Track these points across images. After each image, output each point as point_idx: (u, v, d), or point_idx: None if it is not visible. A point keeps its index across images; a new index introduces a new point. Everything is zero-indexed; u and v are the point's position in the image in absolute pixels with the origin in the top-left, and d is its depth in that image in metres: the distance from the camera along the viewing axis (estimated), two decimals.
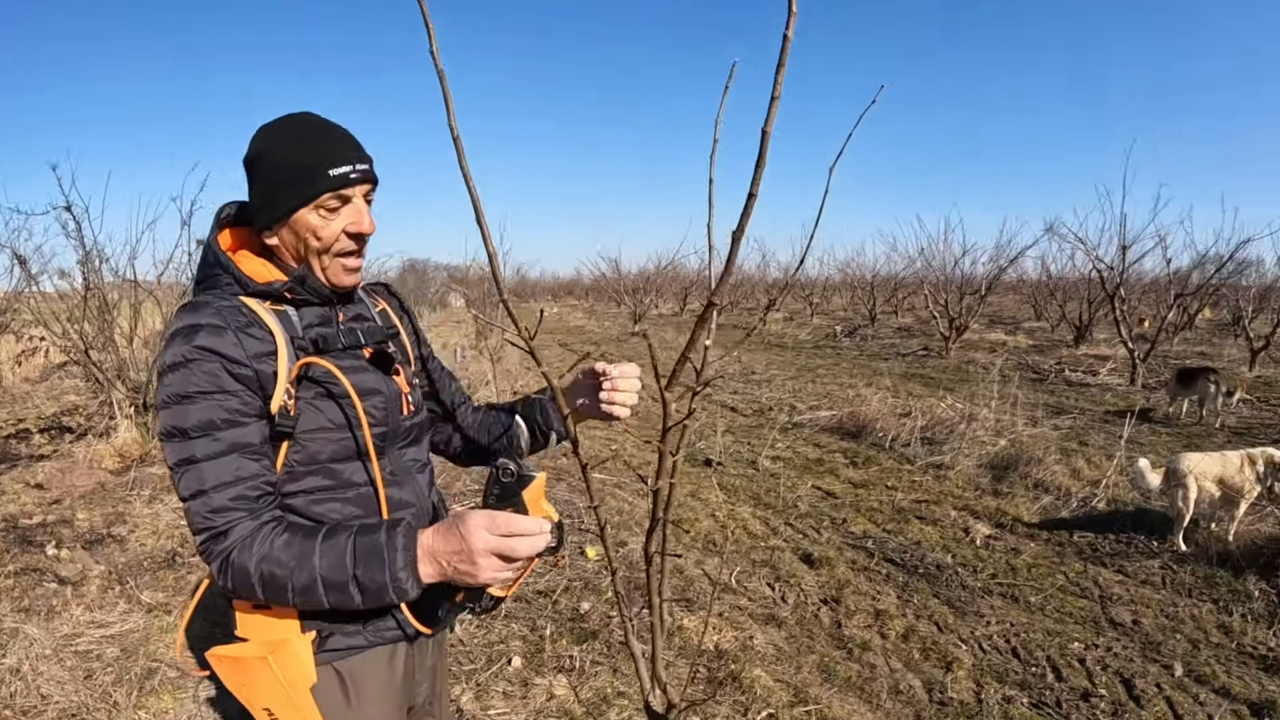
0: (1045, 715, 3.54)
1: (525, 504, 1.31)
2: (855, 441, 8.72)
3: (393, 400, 1.53)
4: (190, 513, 1.31)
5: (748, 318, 30.24)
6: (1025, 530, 5.93)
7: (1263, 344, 13.94)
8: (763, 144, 1.07)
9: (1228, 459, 5.42)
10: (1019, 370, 14.00)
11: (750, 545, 5.58)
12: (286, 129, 1.43)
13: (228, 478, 1.30)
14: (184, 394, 1.29)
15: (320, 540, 1.29)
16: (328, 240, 1.44)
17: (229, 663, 1.40)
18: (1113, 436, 8.75)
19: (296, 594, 1.28)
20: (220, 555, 1.28)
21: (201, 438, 1.29)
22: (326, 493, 1.45)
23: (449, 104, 1.13)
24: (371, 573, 1.26)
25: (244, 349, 1.32)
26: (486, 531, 1.25)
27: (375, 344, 1.58)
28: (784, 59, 1.03)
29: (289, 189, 1.39)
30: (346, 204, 1.44)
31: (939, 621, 4.43)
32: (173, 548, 5.05)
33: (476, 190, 1.20)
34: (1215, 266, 14.93)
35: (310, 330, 1.46)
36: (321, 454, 1.44)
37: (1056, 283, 23.50)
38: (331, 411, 1.44)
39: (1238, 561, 5.01)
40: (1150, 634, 4.28)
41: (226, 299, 1.38)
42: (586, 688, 3.50)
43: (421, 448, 1.69)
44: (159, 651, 3.77)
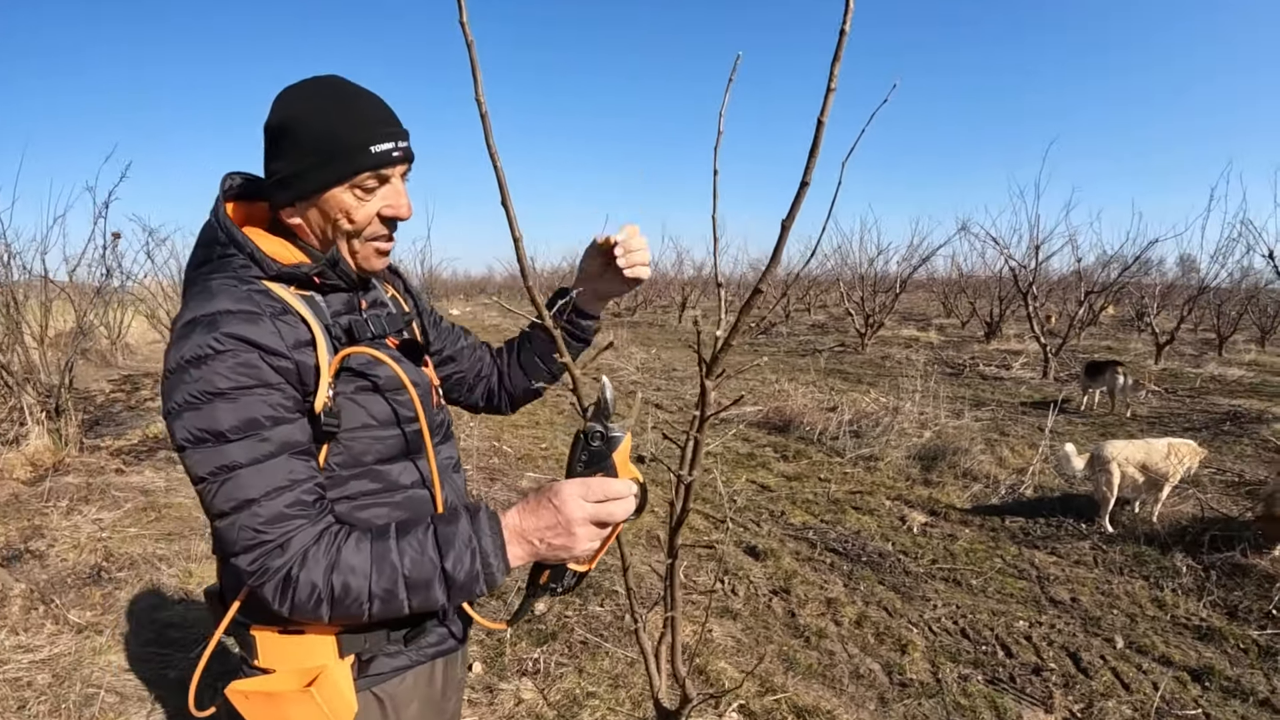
0: (1001, 690, 3.64)
1: (615, 467, 1.25)
2: (783, 436, 8.80)
3: (426, 392, 1.41)
4: (233, 528, 1.14)
5: (661, 315, 30.34)
6: (959, 517, 6.07)
7: (1167, 339, 14.59)
8: (818, 133, 1.08)
9: (1151, 446, 5.65)
10: (935, 365, 14.38)
11: (694, 540, 5.59)
12: (320, 95, 1.27)
13: (281, 482, 1.15)
14: (215, 390, 1.12)
15: (395, 538, 1.17)
16: (361, 223, 1.31)
17: (260, 699, 1.26)
18: (1031, 427, 9.06)
19: (375, 601, 1.15)
20: (279, 572, 1.13)
21: (243, 439, 1.13)
22: (372, 497, 1.33)
23: (477, 74, 1.08)
24: (461, 563, 1.16)
25: (282, 338, 1.18)
26: (583, 500, 1.19)
27: (396, 332, 1.45)
28: (839, 53, 1.05)
29: (324, 165, 1.24)
30: (384, 184, 1.31)
31: (888, 607, 4.50)
32: (97, 562, 4.79)
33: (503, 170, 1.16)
34: (1123, 266, 15.55)
35: (339, 318, 1.33)
36: (366, 455, 1.31)
37: (967, 280, 24.22)
38: (376, 406, 1.32)
39: (1164, 540, 5.24)
40: (1089, 610, 4.44)
41: (250, 282, 1.23)
42: (555, 690, 3.45)
43: (452, 444, 1.56)
44: (95, 676, 3.54)
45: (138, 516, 5.50)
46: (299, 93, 1.28)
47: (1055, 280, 20.26)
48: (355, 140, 1.24)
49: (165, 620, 4.04)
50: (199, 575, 4.54)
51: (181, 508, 5.69)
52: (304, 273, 1.29)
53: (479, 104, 1.10)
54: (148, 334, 14.27)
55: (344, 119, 1.24)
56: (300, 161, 1.25)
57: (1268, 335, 18.13)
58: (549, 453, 7.91)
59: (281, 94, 1.29)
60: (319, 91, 1.27)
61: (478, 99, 1.09)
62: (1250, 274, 17.50)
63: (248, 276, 1.24)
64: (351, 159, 1.24)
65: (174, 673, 3.57)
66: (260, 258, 1.25)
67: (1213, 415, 9.78)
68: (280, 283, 1.27)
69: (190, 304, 1.18)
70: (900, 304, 22.45)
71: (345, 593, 1.14)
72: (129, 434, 7.74)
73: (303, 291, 1.30)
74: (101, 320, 11.43)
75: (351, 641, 1.30)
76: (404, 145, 1.30)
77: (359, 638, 1.30)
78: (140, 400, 9.40)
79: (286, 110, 1.26)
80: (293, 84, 1.30)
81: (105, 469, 6.53)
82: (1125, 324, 22.68)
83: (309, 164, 1.24)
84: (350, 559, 1.14)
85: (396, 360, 1.34)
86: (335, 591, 1.14)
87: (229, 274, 1.23)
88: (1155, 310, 16.12)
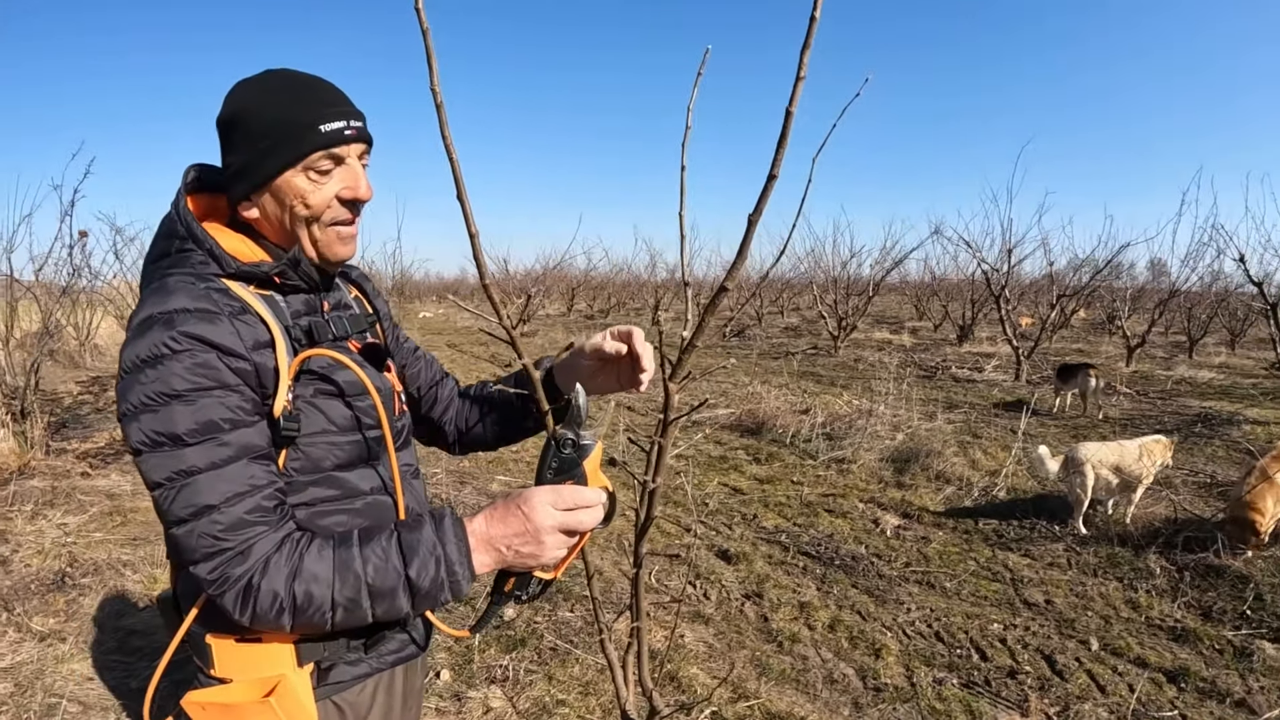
0: (976, 694, 3.63)
1: (585, 475, 1.25)
2: (756, 438, 8.79)
3: (388, 398, 1.38)
4: (191, 535, 1.10)
5: (634, 317, 30.35)
6: (932, 519, 6.07)
7: (1138, 341, 14.74)
8: (786, 123, 1.08)
9: (1125, 448, 5.68)
10: (907, 368, 14.44)
11: (665, 544, 5.55)
12: (268, 84, 1.25)
13: (241, 487, 1.12)
14: (172, 392, 1.08)
15: (359, 545, 1.15)
16: (318, 207, 1.26)
17: (217, 710, 1.22)
18: (1004, 429, 9.11)
19: (339, 610, 1.13)
20: (240, 581, 1.10)
21: (201, 443, 1.10)
22: (331, 504, 1.29)
23: (432, 64, 1.07)
24: (425, 571, 1.14)
25: (240, 338, 1.14)
26: (552, 507, 1.18)
27: (359, 333, 1.42)
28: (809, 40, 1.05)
29: (273, 149, 1.21)
30: (339, 165, 1.27)
31: (861, 610, 4.48)
32: (61, 568, 4.70)
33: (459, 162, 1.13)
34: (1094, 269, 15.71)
35: (300, 319, 1.29)
36: (325, 461, 1.28)
37: (940, 283, 24.37)
38: (336, 411, 1.28)
39: (1137, 542, 5.27)
40: (1064, 612, 4.44)
41: (208, 280, 1.19)
42: (524, 698, 3.41)
43: (412, 451, 1.53)
44: (57, 685, 3.46)
45: (103, 521, 5.42)
46: (248, 84, 1.25)
47: (1028, 284, 20.42)
48: (304, 121, 1.21)
49: (129, 627, 3.97)
50: (164, 581, 4.46)
51: (147, 512, 5.60)
52: (264, 271, 1.25)
53: (434, 94, 1.08)
54: (117, 335, 14.07)
55: (292, 103, 1.22)
56: (251, 150, 1.22)
57: (1238, 338, 18.37)
58: (520, 456, 7.86)
59: (233, 88, 1.26)
60: (267, 81, 1.25)
61: (433, 89, 1.08)
62: (1220, 278, 17.69)
63: (206, 273, 1.20)
64: (302, 140, 1.21)
65: (136, 682, 3.51)
66: (219, 254, 1.22)
67: (1184, 417, 9.87)
68: (239, 281, 1.24)
69: (147, 300, 1.14)
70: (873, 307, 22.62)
71: (308, 601, 1.11)
72: (96, 436, 7.63)
73: (262, 291, 1.26)
74: (69, 321, 11.26)
75: (310, 650, 1.26)
76: (357, 125, 1.27)
77: (318, 646, 1.27)
78: (108, 402, 9.27)
79: (236, 102, 1.24)
80: (243, 79, 1.27)
81: (71, 472, 6.44)
82: (1097, 327, 22.91)
83: (259, 150, 1.21)
84: (312, 567, 1.12)
85: (359, 364, 1.31)
86: (298, 600, 1.11)
87: (187, 270, 1.20)
88: (1126, 313, 16.27)
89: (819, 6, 1.00)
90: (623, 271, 32.89)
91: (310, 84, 1.26)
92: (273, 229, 1.30)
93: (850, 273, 20.41)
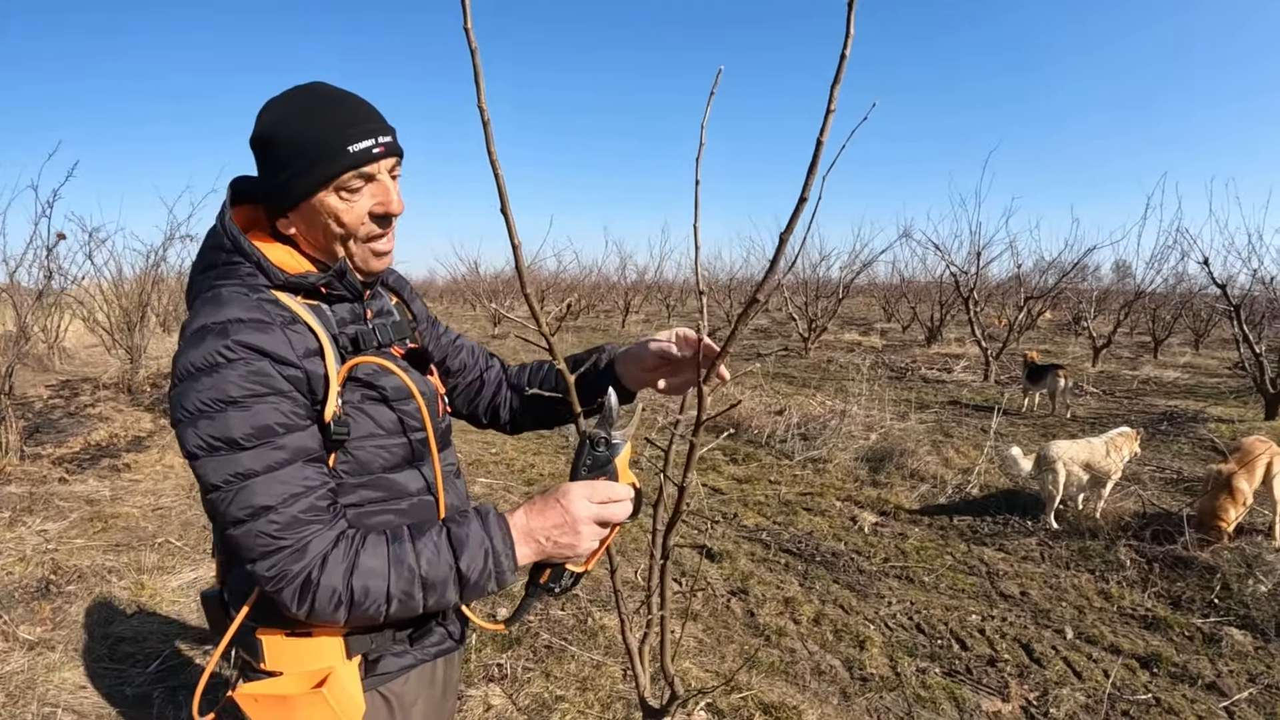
0: (959, 682, 3.73)
1: (617, 472, 1.33)
2: (732, 439, 8.87)
3: (432, 401, 1.43)
4: (249, 535, 1.14)
5: (604, 320, 30.36)
6: (908, 517, 6.18)
7: (1104, 342, 15.03)
8: (816, 152, 1.14)
9: (1093, 445, 5.83)
10: (878, 369, 14.61)
11: (647, 544, 5.60)
12: (296, 102, 1.27)
13: (296, 489, 1.16)
14: (227, 399, 1.13)
15: (411, 540, 1.20)
16: (352, 225, 1.30)
17: (270, 702, 1.26)
18: (974, 428, 9.25)
19: (394, 602, 1.18)
20: (299, 576, 1.14)
21: (258, 446, 1.14)
22: (379, 504, 1.34)
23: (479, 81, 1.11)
24: (475, 563, 1.20)
25: (292, 347, 1.19)
26: (588, 500, 1.26)
27: (400, 340, 1.46)
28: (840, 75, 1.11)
29: (304, 171, 1.24)
30: (370, 182, 1.30)
31: (844, 605, 4.57)
32: (44, 575, 4.65)
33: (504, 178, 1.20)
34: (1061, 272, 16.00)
35: (345, 327, 1.34)
36: (373, 463, 1.33)
37: (909, 285, 24.61)
38: (382, 416, 1.33)
39: (1107, 535, 5.41)
40: (1039, 603, 4.56)
41: (259, 290, 1.24)
42: (523, 694, 3.46)
43: (453, 451, 1.58)
44: (50, 694, 3.45)
45: (84, 527, 5.39)
46: (277, 103, 1.28)
47: (995, 285, 20.69)
48: (333, 142, 1.24)
49: (118, 634, 3.96)
50: (150, 587, 4.46)
51: (129, 518, 5.58)
52: (310, 283, 1.29)
53: (481, 111, 1.13)
54: (85, 338, 13.92)
55: (320, 123, 1.24)
56: (281, 172, 1.25)
57: (1202, 338, 18.74)
58: (499, 458, 7.88)
59: (263, 106, 1.29)
60: (295, 99, 1.28)
61: (480, 106, 1.12)
62: (1185, 279, 18.05)
63: (256, 284, 1.25)
64: (331, 161, 1.24)
65: (131, 689, 3.51)
66: (267, 266, 1.26)
67: (1150, 415, 10.08)
68: (287, 291, 1.28)
69: (200, 311, 1.18)
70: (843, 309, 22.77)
71: (365, 595, 1.16)
72: (70, 441, 7.56)
73: (308, 301, 1.31)
74: (39, 324, 11.14)
75: (358, 642, 1.31)
76: (386, 140, 1.29)
77: (365, 638, 1.32)
78: (80, 406, 9.17)
79: (266, 121, 1.27)
80: (274, 96, 1.30)
81: (48, 478, 6.38)
82: (1063, 328, 23.21)
83: (290, 173, 1.25)
84: (368, 562, 1.17)
85: (404, 370, 1.37)
86: (355, 594, 1.16)
87: (237, 281, 1.24)
88: (1093, 315, 16.54)
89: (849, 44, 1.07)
90: (593, 273, 32.84)
91: (338, 101, 1.28)
92: (310, 244, 1.34)
93: (820, 275, 20.59)
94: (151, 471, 6.81)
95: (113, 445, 7.56)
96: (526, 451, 8.22)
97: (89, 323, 12.58)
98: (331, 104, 1.27)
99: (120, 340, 11.02)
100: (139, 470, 6.80)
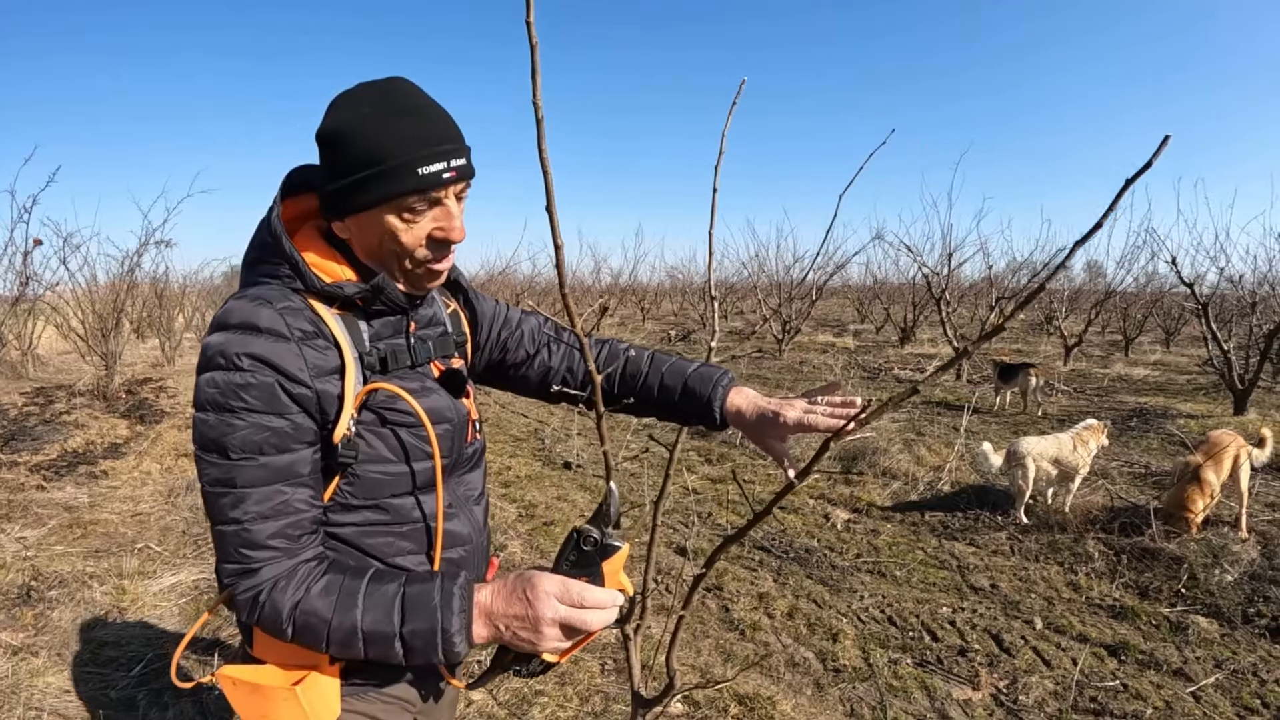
0: (930, 672, 3.83)
1: (603, 576, 1.20)
2: (706, 440, 8.92)
3: (460, 427, 1.38)
4: (221, 538, 1.17)
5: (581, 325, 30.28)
6: (880, 513, 6.29)
7: (1075, 341, 15.22)
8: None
9: (1061, 440, 5.94)
10: (851, 369, 14.73)
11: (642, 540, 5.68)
12: (373, 104, 1.19)
13: (268, 511, 1.16)
14: (228, 406, 1.13)
15: (365, 589, 1.16)
16: (410, 246, 1.24)
17: (245, 689, 1.25)
18: (947, 427, 9.38)
19: (332, 644, 1.16)
20: (249, 592, 1.16)
21: (245, 461, 1.14)
22: (381, 526, 1.31)
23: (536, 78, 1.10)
24: (421, 631, 1.14)
25: (306, 364, 1.16)
26: (557, 601, 1.15)
27: (444, 357, 1.42)
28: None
29: (367, 184, 1.18)
30: (435, 206, 1.24)
31: (817, 599, 4.66)
32: (25, 581, 4.65)
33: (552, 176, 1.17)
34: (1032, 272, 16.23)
35: (379, 343, 1.29)
36: (379, 488, 1.29)
37: (881, 287, 24.79)
38: (393, 441, 1.28)
39: (1076, 529, 5.53)
40: (1009, 595, 4.67)
41: (289, 299, 1.20)
42: (503, 690, 3.52)
43: (479, 474, 1.52)
44: (36, 698, 3.46)
45: (63, 534, 5.38)
46: (351, 100, 1.21)
47: (967, 286, 20.88)
48: (401, 160, 1.17)
49: (100, 639, 3.98)
50: (132, 592, 4.48)
51: (108, 524, 5.59)
52: (347, 295, 1.25)
53: (535, 107, 1.10)
54: (58, 344, 13.80)
55: (391, 135, 1.17)
56: (343, 178, 1.20)
57: (1172, 336, 18.99)
58: (493, 469, 7.93)
59: (336, 99, 1.23)
60: (370, 101, 1.20)
61: (534, 102, 1.10)
62: (1155, 279, 18.35)
63: (291, 288, 1.22)
64: (396, 181, 1.18)
65: (115, 692, 3.53)
66: (304, 270, 1.22)
67: (1120, 412, 10.23)
68: (324, 300, 1.24)
69: (231, 308, 1.17)
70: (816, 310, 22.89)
71: (307, 631, 1.16)
72: (47, 449, 7.52)
73: (344, 311, 1.27)
74: (14, 331, 11.06)
75: None
76: (458, 163, 1.22)
77: None
78: (55, 414, 9.11)
79: (337, 118, 1.20)
80: (350, 88, 1.24)
81: (25, 485, 6.36)
82: (1035, 327, 23.44)
83: (352, 182, 1.19)
84: (316, 603, 1.16)
85: (421, 394, 1.31)
86: (297, 624, 1.16)
87: (275, 283, 1.23)
88: (1064, 314, 16.75)
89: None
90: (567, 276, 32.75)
91: (414, 112, 1.21)
92: (363, 251, 1.29)
93: (794, 276, 20.70)
94: (129, 478, 6.80)
95: (89, 452, 7.53)
96: (502, 454, 8.26)
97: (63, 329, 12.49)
98: (406, 115, 1.20)
99: (95, 347, 10.94)
100: (116, 477, 6.79)
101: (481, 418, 1.55)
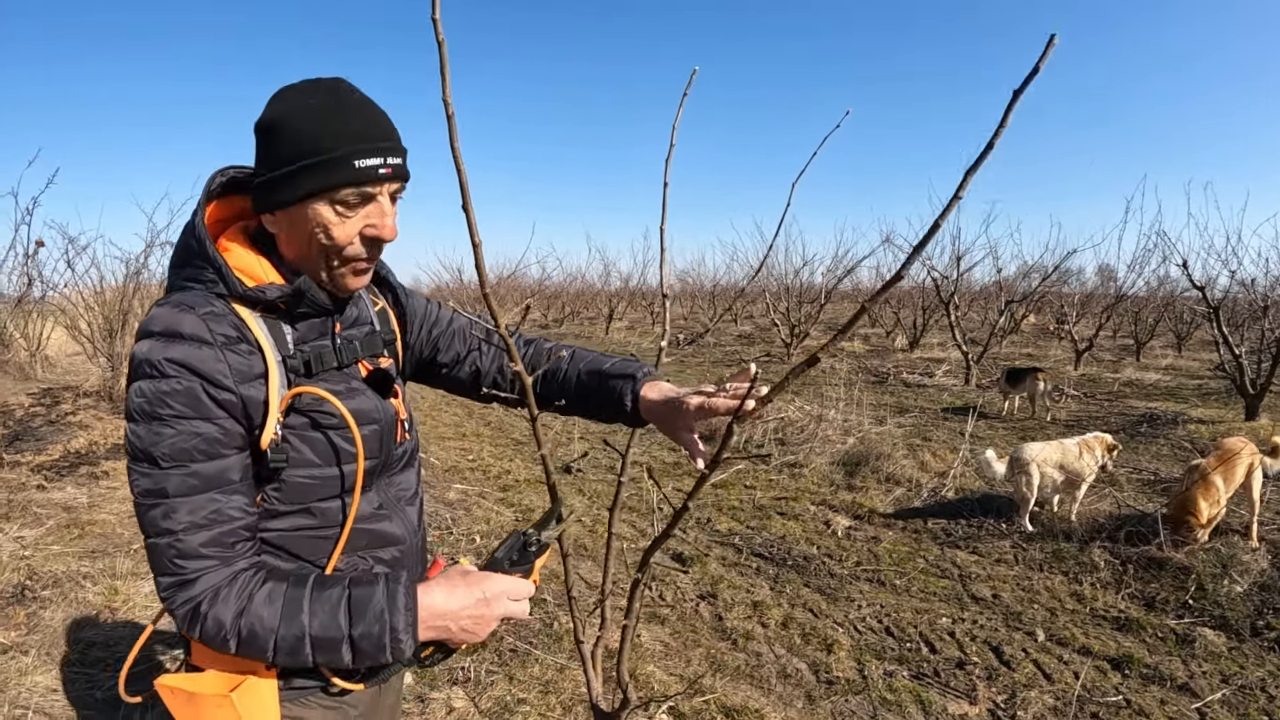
0: (926, 685, 3.76)
1: (535, 570, 1.33)
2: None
3: (388, 428, 1.37)
4: (155, 551, 1.14)
5: (589, 327, 30.34)
6: (882, 520, 6.22)
7: (1086, 345, 15.12)
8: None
9: (1066, 447, 5.87)
10: (860, 374, 14.66)
11: (620, 548, 5.63)
12: (312, 98, 1.19)
13: (201, 520, 1.14)
14: (156, 414, 1.12)
15: (309, 594, 1.16)
16: (340, 242, 1.23)
17: (182, 697, 1.23)
18: (953, 432, 9.30)
19: (280, 652, 1.14)
20: (187, 604, 1.14)
21: (174, 469, 1.13)
22: (311, 530, 1.30)
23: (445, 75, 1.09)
24: (369, 636, 1.15)
25: (230, 370, 1.15)
26: (509, 599, 1.24)
27: (371, 357, 1.41)
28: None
29: (302, 174, 1.17)
30: (368, 202, 1.23)
31: (813, 608, 4.60)
32: (20, 580, 4.65)
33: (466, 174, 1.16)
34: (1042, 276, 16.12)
35: (303, 346, 1.28)
36: (307, 492, 1.28)
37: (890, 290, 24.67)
38: (319, 444, 1.27)
39: (1082, 537, 5.46)
40: (1010, 605, 4.60)
41: (212, 303, 1.19)
42: (485, 697, 3.47)
43: (411, 474, 1.51)
44: (22, 697, 3.45)
45: (61, 534, 5.37)
46: (292, 93, 1.21)
47: (977, 290, 20.76)
48: (339, 151, 1.17)
49: (89, 639, 3.96)
50: (124, 593, 4.46)
51: (105, 524, 5.57)
52: (269, 299, 1.23)
53: (445, 104, 1.11)
54: (68, 345, 13.82)
55: (331, 126, 1.18)
56: (279, 167, 1.19)
57: (1184, 341, 18.87)
58: (475, 464, 7.91)
59: (278, 91, 1.23)
60: (312, 94, 1.20)
61: (444, 99, 1.10)
62: (1166, 283, 18.15)
63: (214, 293, 1.21)
64: (333, 171, 1.17)
65: (101, 693, 3.51)
66: (227, 274, 1.21)
67: (1130, 417, 10.14)
68: (246, 305, 1.23)
69: (156, 314, 1.17)
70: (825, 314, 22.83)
71: (252, 638, 1.14)
72: (50, 449, 7.53)
73: (268, 315, 1.25)
74: (21, 332, 11.09)
75: None
76: (394, 162, 1.22)
77: None
78: (61, 415, 9.13)
79: (276, 109, 1.20)
80: (294, 83, 1.23)
81: (26, 485, 6.36)
82: (1045, 332, 23.33)
83: (289, 172, 1.18)
84: (260, 609, 1.14)
85: (347, 396, 1.30)
86: (242, 634, 1.14)
87: (199, 288, 1.21)
88: (1075, 318, 16.64)
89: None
90: (576, 280, 32.80)
91: (354, 107, 1.21)
92: (290, 248, 1.28)
93: (803, 280, 20.63)
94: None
95: (92, 453, 7.53)
96: (503, 458, 8.24)
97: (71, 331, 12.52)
98: (347, 109, 1.20)
99: (101, 348, 10.96)
100: (116, 477, 6.78)
101: (413, 417, 1.54)
